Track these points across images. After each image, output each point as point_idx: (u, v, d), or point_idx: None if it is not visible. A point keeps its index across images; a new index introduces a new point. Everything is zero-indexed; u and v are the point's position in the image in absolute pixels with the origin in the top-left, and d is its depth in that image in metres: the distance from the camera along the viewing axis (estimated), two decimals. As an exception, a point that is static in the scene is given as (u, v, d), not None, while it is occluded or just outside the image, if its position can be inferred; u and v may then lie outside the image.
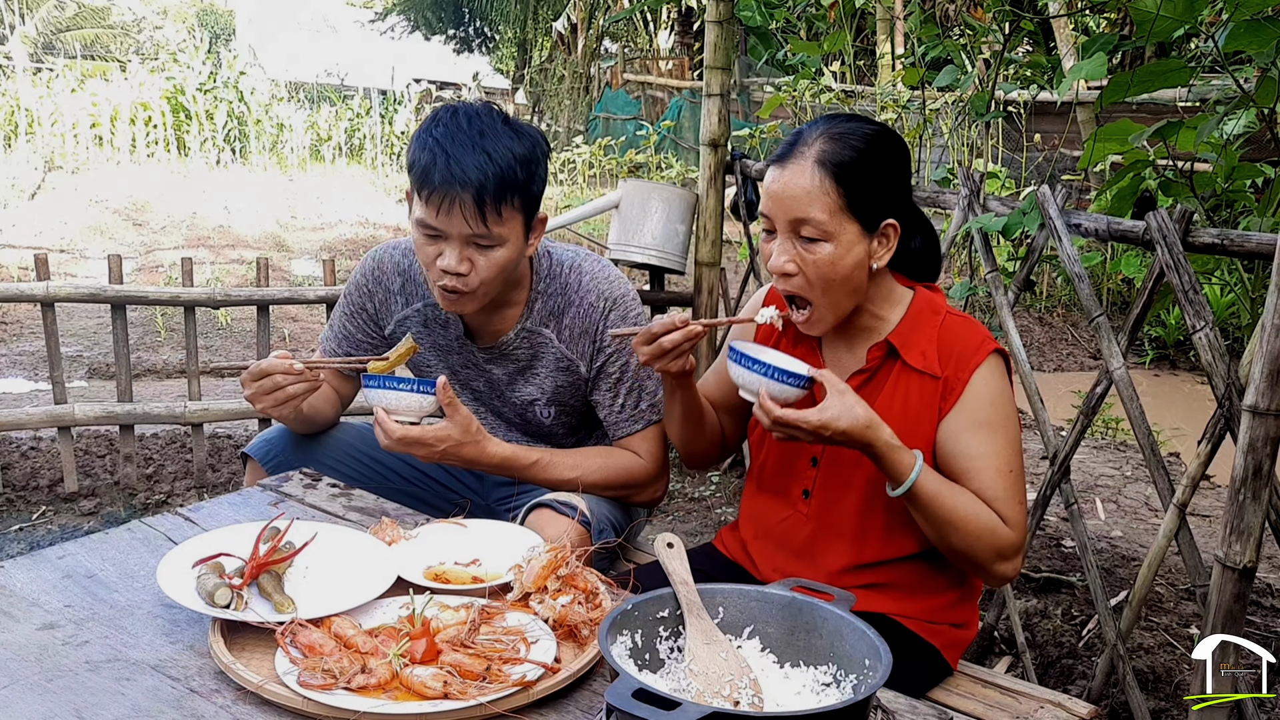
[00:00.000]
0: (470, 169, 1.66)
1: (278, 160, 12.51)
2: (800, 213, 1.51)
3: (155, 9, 27.34)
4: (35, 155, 10.89)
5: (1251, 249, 1.99)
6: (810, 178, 1.50)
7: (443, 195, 1.67)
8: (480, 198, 1.66)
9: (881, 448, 1.44)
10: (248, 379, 1.74)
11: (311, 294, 3.71)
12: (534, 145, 1.75)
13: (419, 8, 22.01)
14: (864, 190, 1.51)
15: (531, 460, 1.83)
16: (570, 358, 1.91)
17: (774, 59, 4.72)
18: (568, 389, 1.94)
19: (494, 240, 1.72)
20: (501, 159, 1.68)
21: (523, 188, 1.72)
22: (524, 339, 1.91)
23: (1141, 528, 3.79)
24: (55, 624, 1.31)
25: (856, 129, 1.54)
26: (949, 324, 1.60)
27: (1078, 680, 2.57)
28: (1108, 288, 7.04)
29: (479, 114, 1.72)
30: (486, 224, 1.69)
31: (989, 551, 1.49)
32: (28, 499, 3.56)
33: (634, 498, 1.94)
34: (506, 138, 1.71)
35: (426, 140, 1.70)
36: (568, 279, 1.90)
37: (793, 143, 1.56)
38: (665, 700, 0.99)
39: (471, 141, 1.68)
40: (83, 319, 6.31)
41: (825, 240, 1.51)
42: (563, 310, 1.90)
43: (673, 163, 11.97)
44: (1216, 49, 2.28)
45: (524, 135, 1.74)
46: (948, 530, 1.48)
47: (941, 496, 1.47)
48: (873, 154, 1.53)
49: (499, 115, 1.74)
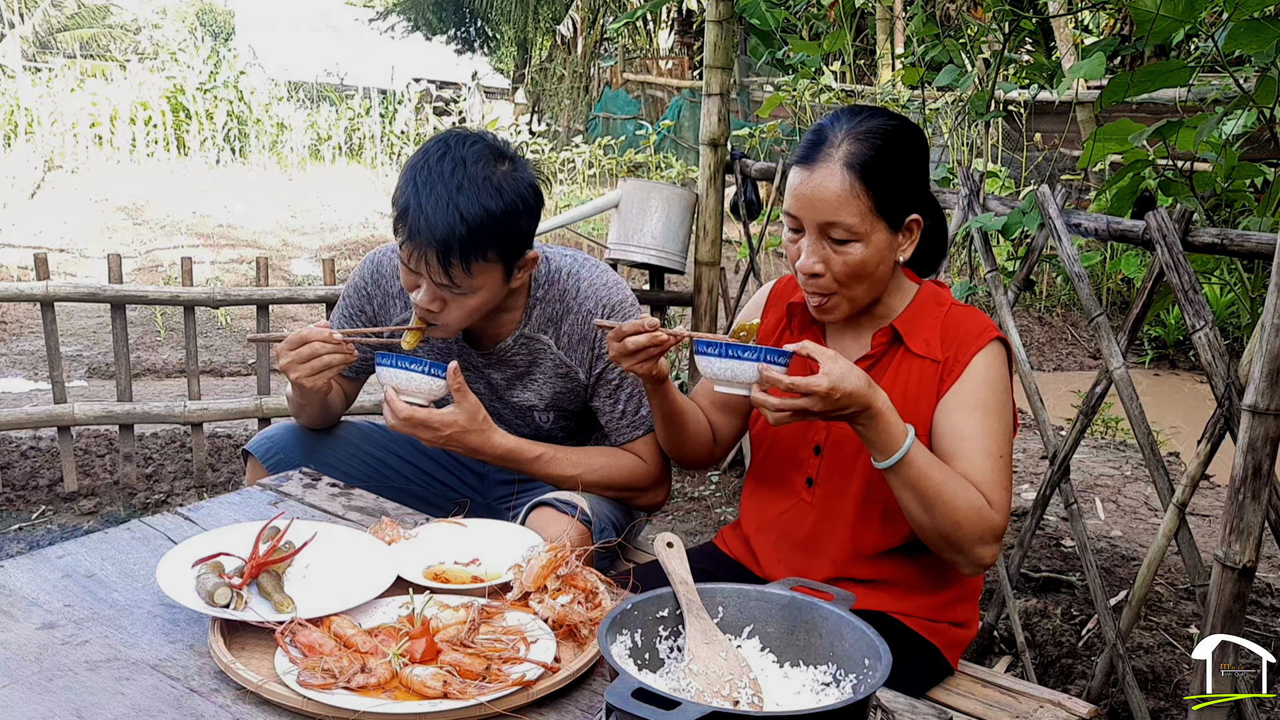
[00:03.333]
0: (439, 225, 1.63)
1: (277, 160, 12.50)
2: (831, 216, 1.51)
3: (155, 8, 27.33)
4: (35, 155, 10.88)
5: (1251, 249, 1.99)
6: (840, 181, 1.50)
7: (413, 245, 1.66)
8: (445, 256, 1.65)
9: (880, 407, 1.43)
10: (285, 348, 1.74)
11: (311, 294, 3.71)
12: (517, 199, 1.69)
13: (420, 8, 22.00)
14: (891, 190, 1.52)
15: (535, 454, 1.83)
16: (569, 364, 1.91)
17: (774, 58, 4.72)
18: (566, 395, 1.94)
19: (464, 290, 1.71)
20: (473, 218, 1.64)
21: (498, 243, 1.68)
22: (522, 345, 1.91)
23: (1141, 527, 3.79)
24: (55, 624, 1.31)
25: (880, 126, 1.53)
26: (953, 313, 1.62)
27: (1077, 680, 2.57)
28: (1108, 287, 7.04)
29: (464, 160, 1.67)
30: (451, 278, 1.68)
31: (973, 533, 1.47)
32: (27, 499, 3.56)
33: (636, 501, 1.94)
34: (485, 192, 1.65)
35: (410, 180, 1.68)
36: (566, 286, 1.89)
37: (818, 142, 1.54)
38: (665, 700, 0.99)
39: (448, 196, 1.64)
40: (83, 319, 6.31)
41: (856, 241, 1.51)
42: (561, 317, 1.89)
43: (673, 162, 11.97)
44: (1216, 49, 2.28)
45: (506, 190, 1.68)
46: (934, 508, 1.46)
47: (931, 470, 1.46)
48: (898, 151, 1.53)
49: (487, 159, 1.69)
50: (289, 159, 12.52)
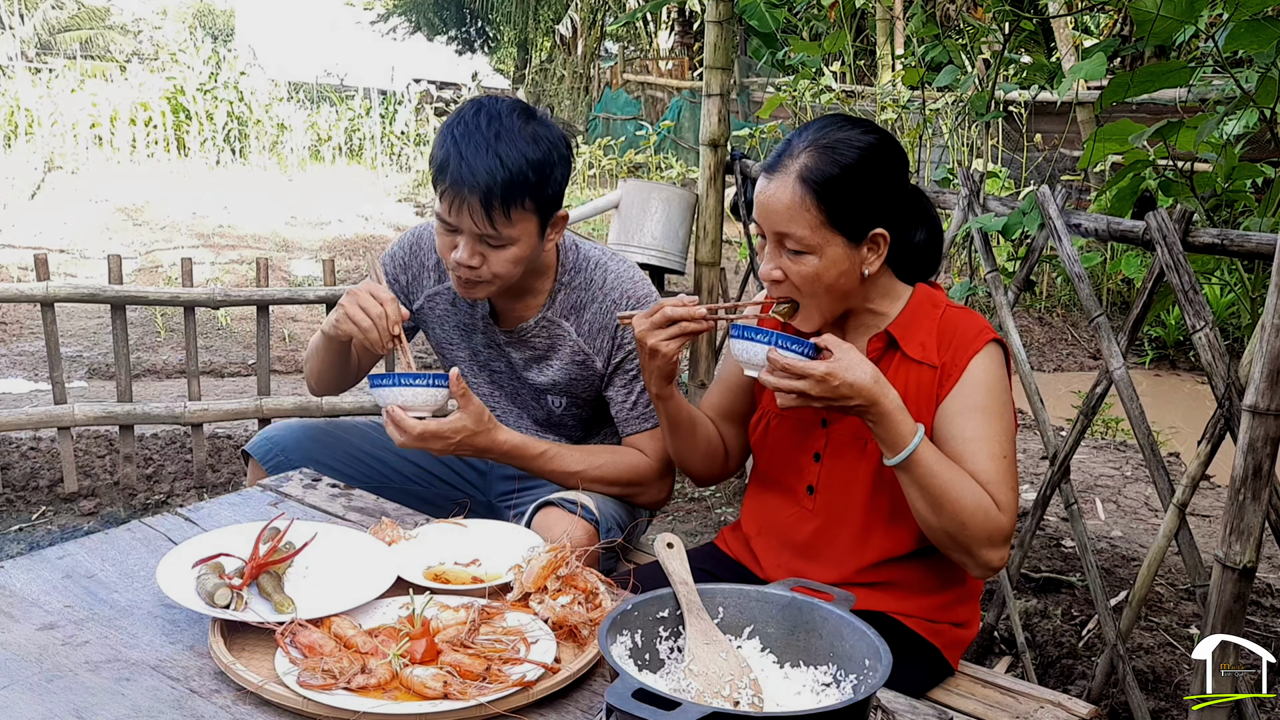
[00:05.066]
0: (480, 172, 1.68)
1: (278, 160, 12.50)
2: (782, 227, 1.52)
3: (155, 9, 27.34)
4: (35, 155, 10.88)
5: (1251, 249, 1.99)
6: (791, 194, 1.50)
7: (454, 194, 1.71)
8: (488, 201, 1.69)
9: (887, 405, 1.43)
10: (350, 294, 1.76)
11: (311, 294, 3.71)
12: (551, 149, 1.76)
13: (420, 9, 22.02)
14: (848, 205, 1.51)
15: (539, 451, 1.85)
16: (587, 352, 1.93)
17: (775, 59, 4.72)
18: (580, 382, 1.96)
19: (503, 240, 1.75)
20: (513, 164, 1.70)
21: (534, 190, 1.73)
22: (543, 328, 1.94)
23: (1141, 528, 3.79)
24: (55, 624, 1.31)
25: (845, 140, 1.52)
26: (949, 315, 1.61)
27: (1078, 680, 2.57)
28: (1108, 288, 7.04)
29: (500, 114, 1.74)
30: (494, 225, 1.72)
31: (980, 534, 1.47)
32: (27, 499, 3.55)
33: (638, 498, 1.95)
34: (523, 141, 1.72)
35: (447, 137, 1.74)
36: (592, 275, 1.93)
37: (781, 151, 1.55)
38: (665, 700, 0.99)
39: (486, 144, 1.70)
40: (83, 319, 6.31)
41: (809, 253, 1.52)
42: (584, 305, 1.93)
43: (673, 163, 11.97)
44: (1216, 49, 2.28)
45: (541, 138, 1.75)
46: (942, 507, 1.46)
47: (940, 469, 1.46)
48: (860, 168, 1.51)
49: (521, 116, 1.76)
50: (289, 159, 12.52)
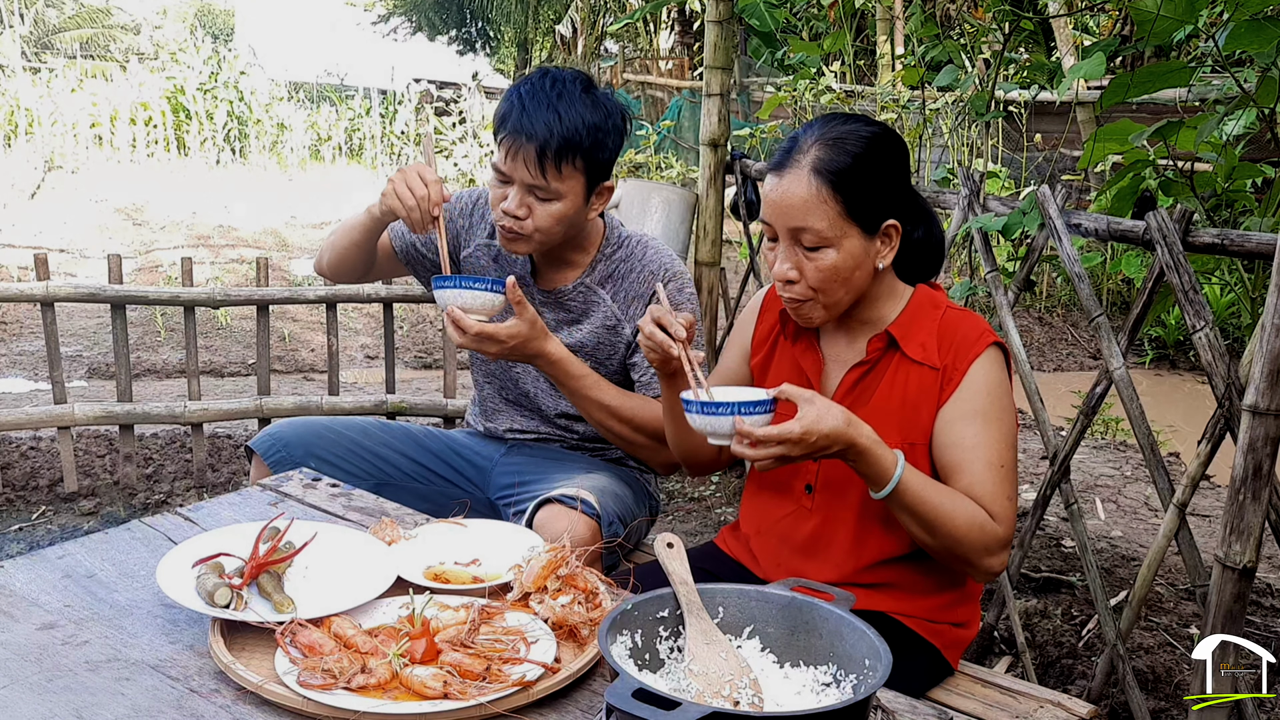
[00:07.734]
0: (538, 124, 1.81)
1: (278, 160, 12.50)
2: (799, 222, 1.51)
3: (155, 9, 27.34)
4: (35, 155, 10.88)
5: (1251, 249, 1.99)
6: (807, 187, 1.50)
7: (511, 141, 1.83)
8: (542, 152, 1.81)
9: (864, 443, 1.42)
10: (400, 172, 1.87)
11: (311, 294, 3.70)
12: (607, 116, 1.87)
13: (421, 9, 22.00)
14: (862, 195, 1.51)
15: (582, 372, 1.91)
16: (619, 318, 2.01)
17: (775, 59, 4.72)
18: (606, 347, 2.03)
19: (551, 194, 1.85)
20: (569, 121, 1.82)
21: (586, 151, 1.84)
22: (580, 294, 2.03)
23: (1141, 528, 3.79)
24: (55, 624, 1.31)
25: (852, 132, 1.54)
26: (949, 317, 1.61)
27: (1078, 680, 2.57)
28: (1108, 288, 7.04)
29: (564, 80, 1.87)
30: (545, 176, 1.83)
31: (977, 546, 1.48)
32: (28, 499, 3.56)
33: (655, 456, 1.98)
34: (581, 104, 1.84)
35: (513, 94, 1.87)
36: (633, 249, 2.04)
37: (789, 149, 1.55)
38: (665, 700, 0.99)
39: (548, 101, 1.82)
40: (83, 319, 6.31)
41: (828, 247, 1.52)
42: (623, 275, 2.02)
43: (673, 163, 11.96)
44: (1216, 49, 2.28)
45: (600, 105, 1.87)
46: (936, 528, 1.47)
47: (928, 493, 1.46)
48: (870, 157, 1.52)
49: (583, 84, 1.88)
50: (289, 159, 12.52)
